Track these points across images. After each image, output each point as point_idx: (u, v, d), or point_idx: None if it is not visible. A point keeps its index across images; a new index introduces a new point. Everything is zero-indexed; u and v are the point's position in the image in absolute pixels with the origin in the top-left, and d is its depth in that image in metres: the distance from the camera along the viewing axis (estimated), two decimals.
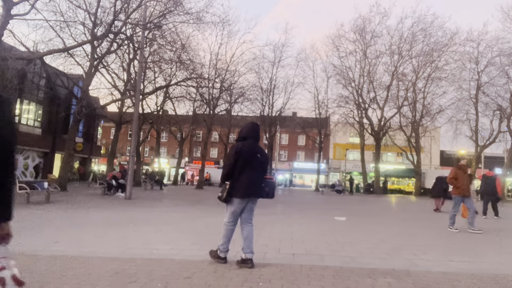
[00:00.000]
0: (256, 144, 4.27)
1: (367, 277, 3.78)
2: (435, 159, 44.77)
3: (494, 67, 29.37)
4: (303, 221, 8.82)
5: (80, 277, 3.51)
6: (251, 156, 4.10)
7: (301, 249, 5.21)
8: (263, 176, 4.31)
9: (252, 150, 4.14)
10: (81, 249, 4.82)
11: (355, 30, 32.17)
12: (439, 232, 7.69)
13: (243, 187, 4.02)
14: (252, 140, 4.23)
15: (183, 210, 10.76)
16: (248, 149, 4.12)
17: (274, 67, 34.96)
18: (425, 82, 31.61)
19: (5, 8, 13.02)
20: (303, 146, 50.20)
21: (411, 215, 12.34)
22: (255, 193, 4.16)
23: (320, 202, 18.20)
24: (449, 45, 29.97)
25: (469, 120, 31.20)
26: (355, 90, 32.96)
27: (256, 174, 4.13)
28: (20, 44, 15.56)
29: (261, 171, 4.26)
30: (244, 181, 4.03)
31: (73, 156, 20.01)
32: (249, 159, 4.07)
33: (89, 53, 18.18)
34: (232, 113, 32.21)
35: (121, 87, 23.36)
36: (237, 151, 4.07)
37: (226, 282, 3.48)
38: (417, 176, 32.11)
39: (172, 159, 46.81)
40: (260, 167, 4.20)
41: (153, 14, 18.20)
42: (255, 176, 4.11)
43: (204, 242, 5.41)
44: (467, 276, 3.98)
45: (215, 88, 27.20)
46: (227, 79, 28.13)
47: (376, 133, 32.31)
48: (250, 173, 4.07)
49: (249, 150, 4.12)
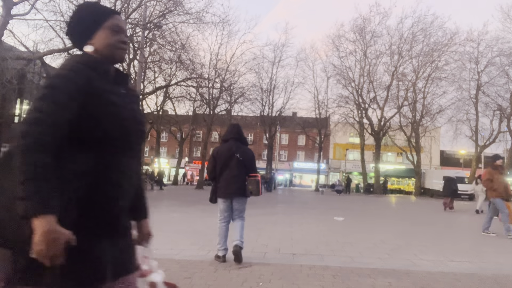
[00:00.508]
0: (236, 144, 4.35)
1: (367, 277, 3.78)
2: (435, 159, 44.74)
3: (494, 67, 29.42)
4: (303, 221, 8.82)
5: None
6: (228, 158, 4.25)
7: (301, 249, 5.21)
8: (245, 175, 4.34)
9: (229, 152, 4.28)
10: None
11: (355, 30, 32.19)
12: (439, 232, 7.70)
13: (223, 187, 4.23)
14: (233, 141, 4.36)
15: (183, 210, 10.76)
16: (223, 151, 4.29)
17: (274, 67, 34.96)
18: (425, 82, 31.63)
19: (5, 8, 13.02)
20: (303, 146, 50.18)
21: (411, 215, 12.35)
22: (236, 192, 4.24)
23: (320, 202, 18.20)
24: (449, 45, 30.00)
25: (469, 120, 31.24)
26: (355, 90, 32.95)
27: (234, 173, 4.23)
28: (20, 44, 15.56)
29: (242, 171, 4.30)
30: (223, 183, 4.23)
31: None
32: (226, 161, 4.24)
33: None
34: (232, 113, 32.19)
35: None
36: (213, 155, 4.33)
37: (226, 282, 3.48)
38: (417, 176, 32.10)
39: (172, 159, 46.81)
40: (240, 167, 4.27)
41: (153, 14, 18.19)
42: (233, 176, 4.23)
43: (204, 242, 5.41)
44: (467, 276, 3.97)
45: (215, 88, 27.19)
46: (227, 79, 28.13)
47: (376, 133, 32.30)
48: (229, 173, 4.22)
49: (224, 152, 4.28)
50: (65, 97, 1.10)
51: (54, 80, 1.12)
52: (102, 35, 1.27)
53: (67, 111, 1.09)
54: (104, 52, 1.27)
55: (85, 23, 1.28)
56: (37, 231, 0.98)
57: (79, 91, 1.13)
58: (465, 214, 12.96)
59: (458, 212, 13.64)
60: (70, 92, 1.11)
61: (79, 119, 1.12)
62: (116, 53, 1.29)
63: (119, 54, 1.30)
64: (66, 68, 1.16)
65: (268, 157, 36.40)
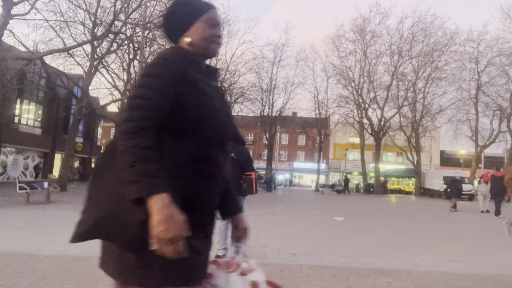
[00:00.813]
0: (232, 144, 4.45)
1: (367, 277, 3.78)
2: (435, 159, 44.75)
3: (494, 67, 29.44)
4: (303, 221, 8.82)
5: (80, 277, 3.51)
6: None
7: (301, 249, 5.21)
8: (241, 174, 4.41)
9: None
10: (81, 249, 4.80)
11: (355, 30, 32.21)
12: (440, 232, 7.70)
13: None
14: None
15: None
16: None
17: (274, 67, 34.97)
18: (425, 82, 31.63)
19: (5, 8, 13.03)
20: (303, 146, 50.16)
21: (411, 215, 12.35)
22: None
23: (320, 202, 18.20)
24: (449, 45, 30.03)
25: (469, 120, 31.25)
26: (355, 90, 32.95)
27: (230, 173, 4.29)
28: (20, 44, 15.57)
29: (237, 170, 4.37)
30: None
31: (73, 156, 20.01)
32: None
33: (89, 53, 18.18)
34: (232, 113, 32.13)
35: (121, 87, 23.34)
36: None
37: None
38: (417, 176, 32.10)
39: None
40: (235, 166, 4.36)
41: (153, 14, 18.18)
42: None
43: None
44: (467, 276, 3.97)
45: None
46: (227, 79, 28.11)
47: (376, 133, 32.30)
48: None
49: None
50: (163, 83, 1.10)
51: (152, 69, 1.13)
52: (199, 28, 1.26)
53: (165, 97, 1.09)
54: (199, 45, 1.27)
55: (183, 16, 1.28)
56: (153, 211, 0.94)
57: (176, 79, 1.13)
58: (465, 214, 12.96)
59: (458, 212, 13.65)
60: (167, 79, 1.12)
61: (175, 108, 1.12)
62: (210, 46, 1.29)
63: (213, 48, 1.30)
64: (163, 57, 1.17)
65: (268, 157, 36.40)
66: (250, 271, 1.23)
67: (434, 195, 28.68)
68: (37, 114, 24.63)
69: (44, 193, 11.84)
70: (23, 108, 23.14)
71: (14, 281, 3.32)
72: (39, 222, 7.13)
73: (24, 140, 22.90)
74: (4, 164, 22.20)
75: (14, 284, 3.25)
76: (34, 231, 6.15)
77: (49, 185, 12.37)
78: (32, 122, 24.14)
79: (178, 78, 1.14)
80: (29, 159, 24.46)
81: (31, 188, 11.29)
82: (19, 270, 3.69)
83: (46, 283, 3.30)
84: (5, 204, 10.43)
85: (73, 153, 19.59)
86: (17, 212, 8.87)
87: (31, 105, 24.02)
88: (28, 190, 11.01)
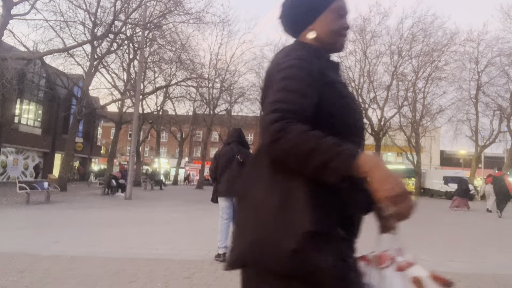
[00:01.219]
0: (238, 147, 4.63)
1: None
2: (435, 159, 44.75)
3: (494, 67, 29.39)
4: None
5: (80, 277, 3.51)
6: (228, 160, 4.56)
7: None
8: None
9: (230, 154, 4.58)
10: (81, 249, 4.82)
11: (355, 30, 32.14)
12: (440, 232, 7.69)
13: (223, 187, 4.52)
14: (234, 144, 4.66)
15: (183, 210, 10.75)
16: (225, 153, 4.60)
17: None
18: (425, 82, 31.59)
19: (5, 8, 13.03)
20: None
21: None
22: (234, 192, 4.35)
23: None
24: (449, 45, 29.97)
25: (469, 120, 31.21)
26: (355, 90, 32.90)
27: (235, 174, 4.50)
28: (20, 44, 15.57)
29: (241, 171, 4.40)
30: (224, 183, 4.52)
31: (73, 156, 20.01)
32: (227, 162, 4.55)
33: (89, 53, 18.19)
34: (232, 113, 32.19)
35: (121, 87, 23.37)
36: (215, 157, 4.72)
37: (226, 282, 3.48)
38: (417, 176, 32.10)
39: (172, 159, 46.81)
40: (240, 168, 4.50)
41: (153, 14, 18.20)
42: (233, 176, 4.51)
43: (204, 242, 5.41)
44: (467, 276, 3.97)
45: (215, 88, 27.21)
46: (227, 79, 28.15)
47: (376, 133, 32.29)
48: (230, 174, 4.50)
49: (226, 154, 4.60)
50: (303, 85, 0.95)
51: (287, 72, 0.97)
52: (326, 19, 1.08)
53: (309, 99, 0.94)
54: (326, 40, 1.10)
55: (308, 5, 1.09)
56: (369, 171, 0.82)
57: (315, 81, 0.98)
58: (465, 214, 12.96)
59: (458, 212, 13.64)
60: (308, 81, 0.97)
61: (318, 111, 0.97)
62: (338, 40, 1.11)
63: (341, 41, 1.12)
64: (296, 58, 1.00)
65: None
66: (409, 265, 1.05)
67: (434, 195, 28.68)
68: (37, 114, 24.64)
69: (44, 193, 11.84)
70: (23, 108, 23.14)
71: (14, 281, 3.32)
72: (39, 222, 7.13)
73: (24, 140, 22.91)
74: (4, 164, 22.21)
75: (14, 284, 3.25)
76: (34, 231, 6.15)
77: (49, 185, 12.38)
78: (32, 122, 24.15)
79: (317, 79, 0.99)
80: (29, 159, 24.46)
81: (31, 188, 11.29)
82: (19, 270, 3.69)
83: (46, 283, 3.30)
84: (5, 204, 10.43)
85: (73, 153, 19.59)
86: (17, 212, 8.87)
87: (31, 105, 24.03)
88: (28, 190, 11.02)
